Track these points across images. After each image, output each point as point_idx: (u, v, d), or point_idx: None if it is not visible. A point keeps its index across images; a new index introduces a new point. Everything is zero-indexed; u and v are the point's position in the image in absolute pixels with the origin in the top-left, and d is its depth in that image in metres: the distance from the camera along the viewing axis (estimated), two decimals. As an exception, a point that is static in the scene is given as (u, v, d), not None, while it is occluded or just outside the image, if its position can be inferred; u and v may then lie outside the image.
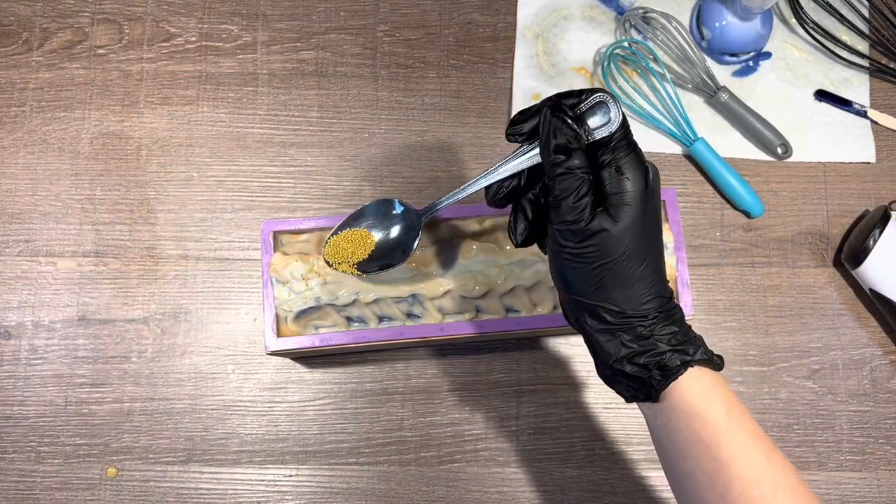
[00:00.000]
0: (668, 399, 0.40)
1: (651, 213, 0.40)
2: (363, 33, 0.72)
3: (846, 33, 0.71)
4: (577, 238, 0.39)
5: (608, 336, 0.40)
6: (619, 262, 0.39)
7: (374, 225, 0.52)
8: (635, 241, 0.39)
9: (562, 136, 0.39)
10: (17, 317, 0.66)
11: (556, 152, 0.39)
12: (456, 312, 0.58)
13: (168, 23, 0.72)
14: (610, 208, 0.39)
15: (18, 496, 0.63)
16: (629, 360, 0.40)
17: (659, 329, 0.40)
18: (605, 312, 0.40)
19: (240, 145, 0.69)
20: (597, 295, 0.40)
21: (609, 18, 0.72)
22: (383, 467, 0.64)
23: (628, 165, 0.39)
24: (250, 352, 0.66)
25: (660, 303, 0.40)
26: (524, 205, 0.43)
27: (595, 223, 0.38)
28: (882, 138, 0.70)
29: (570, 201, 0.38)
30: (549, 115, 0.39)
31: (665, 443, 0.42)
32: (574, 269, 0.40)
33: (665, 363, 0.39)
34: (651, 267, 0.40)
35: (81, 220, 0.68)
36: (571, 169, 0.38)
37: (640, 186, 0.39)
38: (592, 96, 0.39)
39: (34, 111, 0.70)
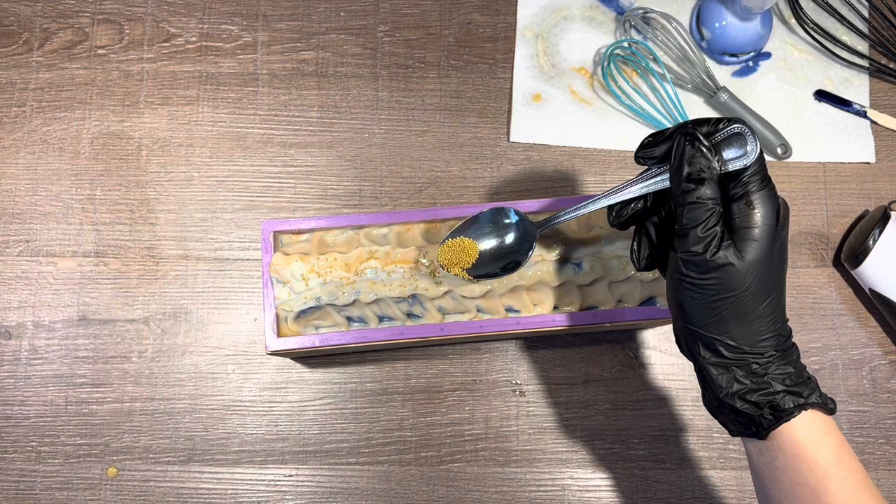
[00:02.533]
0: (776, 439, 0.40)
1: (779, 250, 0.39)
2: (363, 33, 0.72)
3: (846, 33, 0.71)
4: (700, 269, 0.38)
5: (721, 370, 0.40)
6: (741, 298, 0.38)
7: (487, 233, 0.51)
8: (760, 278, 0.38)
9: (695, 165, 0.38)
10: (18, 317, 0.66)
11: (687, 180, 0.38)
12: (456, 312, 0.58)
13: (168, 23, 0.72)
14: (737, 242, 0.38)
15: (19, 496, 0.63)
16: (741, 396, 0.39)
17: (774, 368, 0.39)
18: (721, 346, 0.39)
19: (240, 145, 0.69)
20: (714, 328, 0.39)
21: (609, 18, 0.72)
22: (383, 467, 0.64)
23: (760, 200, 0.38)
24: (250, 352, 0.66)
25: (778, 341, 0.39)
26: (648, 228, 0.43)
27: (721, 256, 0.38)
28: (882, 138, 0.70)
29: (697, 231, 0.38)
30: (684, 142, 0.38)
31: (767, 481, 0.41)
32: (694, 299, 0.39)
33: (777, 403, 0.39)
34: (773, 304, 0.39)
35: (82, 220, 0.68)
36: (702, 199, 0.38)
37: (771, 222, 0.38)
38: (730, 126, 0.38)
39: (35, 111, 0.70)
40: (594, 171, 0.69)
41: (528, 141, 0.69)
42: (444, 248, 0.51)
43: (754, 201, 0.38)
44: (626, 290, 0.58)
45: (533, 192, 0.68)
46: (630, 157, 0.69)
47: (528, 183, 0.68)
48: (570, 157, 0.69)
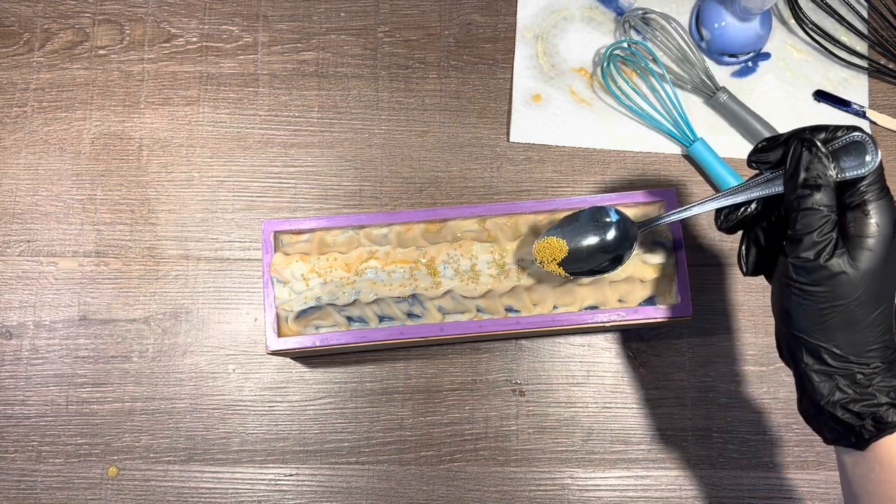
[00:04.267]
0: (875, 451, 0.39)
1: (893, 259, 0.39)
2: (363, 34, 0.72)
3: (845, 34, 0.71)
4: (812, 276, 0.38)
5: (824, 377, 0.40)
6: (851, 307, 0.38)
7: (587, 230, 0.52)
8: (872, 288, 0.38)
9: (812, 171, 0.38)
10: (19, 317, 0.66)
11: (803, 186, 0.38)
12: (456, 312, 0.58)
13: (169, 23, 0.72)
14: (851, 250, 0.38)
15: (20, 496, 0.63)
16: (842, 405, 0.39)
17: (879, 380, 0.39)
18: (825, 353, 0.39)
19: (240, 145, 0.70)
20: (820, 335, 0.39)
21: (608, 19, 0.72)
22: (383, 467, 0.64)
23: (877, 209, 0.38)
24: (251, 351, 0.66)
25: (885, 353, 0.39)
26: (758, 233, 0.42)
27: (834, 264, 0.38)
28: (881, 138, 0.70)
29: (811, 238, 0.38)
30: (801, 148, 0.38)
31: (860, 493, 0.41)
32: (801, 305, 0.39)
33: (881, 416, 0.39)
34: (883, 315, 0.39)
35: (82, 220, 0.68)
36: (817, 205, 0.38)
37: (888, 232, 0.38)
38: (850, 134, 0.38)
39: (35, 112, 0.70)
40: (594, 171, 0.69)
41: (528, 141, 0.69)
42: (540, 244, 0.52)
43: (871, 210, 0.38)
44: (626, 290, 0.58)
45: (533, 192, 0.68)
46: (630, 158, 0.69)
47: (528, 183, 0.69)
48: (569, 157, 0.69)
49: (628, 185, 0.68)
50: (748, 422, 0.65)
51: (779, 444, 0.64)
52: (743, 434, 0.64)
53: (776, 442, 0.64)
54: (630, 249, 0.51)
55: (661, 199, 0.58)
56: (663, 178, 0.69)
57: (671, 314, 0.57)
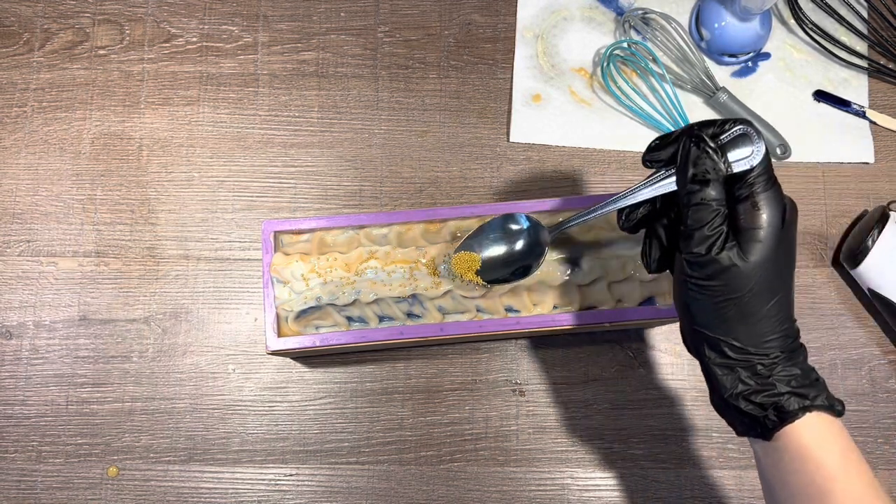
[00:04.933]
0: (782, 440, 0.39)
1: (785, 250, 0.39)
2: (363, 34, 0.72)
3: (845, 34, 0.72)
4: (705, 271, 0.38)
5: (726, 370, 0.40)
6: (745, 299, 0.38)
7: (498, 238, 0.52)
8: (765, 279, 0.38)
9: (700, 166, 0.38)
10: (19, 317, 0.66)
11: (692, 182, 0.38)
12: (456, 312, 0.58)
13: (169, 23, 0.72)
14: (742, 243, 0.38)
15: (20, 496, 0.63)
16: (745, 396, 0.39)
17: (780, 369, 0.39)
18: (725, 346, 0.39)
19: (240, 145, 0.70)
20: (719, 328, 0.39)
21: (608, 19, 0.72)
22: (383, 467, 0.64)
23: (765, 201, 0.38)
24: (251, 351, 0.66)
25: (784, 342, 0.39)
26: (658, 231, 0.43)
27: (725, 257, 0.38)
28: (881, 138, 0.70)
29: (702, 233, 0.38)
30: (689, 144, 0.39)
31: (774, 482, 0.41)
32: (698, 300, 0.39)
33: (782, 405, 0.39)
34: (779, 305, 0.39)
35: (82, 220, 0.68)
36: (707, 200, 0.38)
37: (776, 223, 0.38)
38: (735, 128, 0.39)
39: (35, 111, 0.70)
40: (594, 171, 0.69)
41: (528, 141, 0.69)
42: (456, 257, 0.53)
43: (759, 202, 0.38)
44: (626, 290, 0.58)
45: (533, 192, 0.68)
46: (629, 158, 0.69)
47: (528, 183, 0.69)
48: (569, 157, 0.69)
49: (628, 184, 0.68)
50: (748, 422, 0.65)
51: (779, 443, 0.64)
52: (743, 434, 0.64)
53: (776, 442, 0.64)
54: (542, 254, 0.51)
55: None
56: (663, 178, 0.69)
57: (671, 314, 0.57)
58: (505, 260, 0.52)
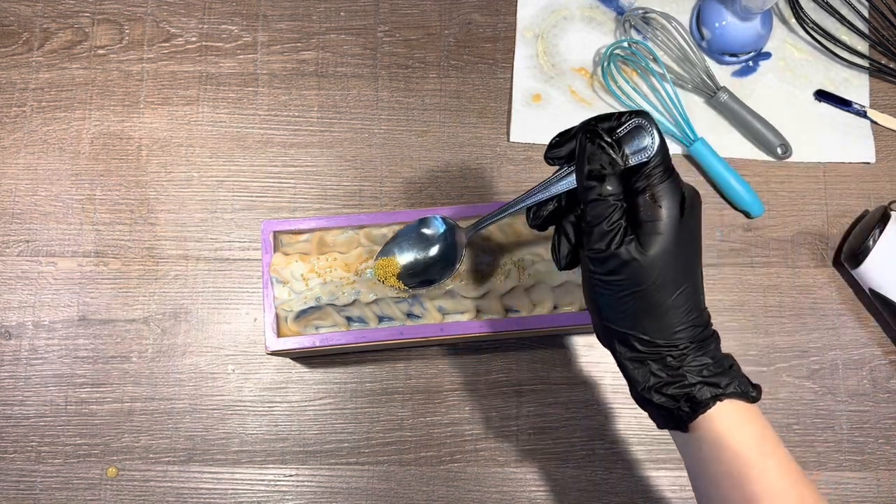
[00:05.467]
0: (699, 430, 0.39)
1: (686, 241, 0.39)
2: (363, 33, 0.72)
3: (846, 33, 0.71)
4: (606, 266, 0.38)
5: (637, 364, 0.40)
6: (648, 292, 0.38)
7: (416, 243, 0.52)
8: (667, 271, 0.38)
9: (595, 162, 0.38)
10: (18, 317, 0.66)
11: (589, 178, 0.38)
12: (456, 312, 0.58)
13: (168, 23, 0.72)
14: (641, 236, 0.38)
15: (19, 496, 0.63)
16: (657, 389, 0.39)
17: (690, 360, 0.39)
18: (634, 340, 0.39)
19: (240, 145, 0.69)
20: (626, 322, 0.39)
21: (609, 18, 0.72)
22: (383, 467, 0.64)
23: (662, 192, 0.38)
24: (250, 352, 0.66)
25: (693, 332, 0.39)
26: (566, 228, 0.42)
27: (624, 251, 0.37)
28: (882, 138, 0.70)
29: (601, 228, 0.38)
30: (584, 140, 0.38)
31: (696, 471, 0.41)
32: (604, 295, 0.39)
33: (694, 395, 0.39)
34: (685, 296, 0.39)
35: (82, 220, 0.68)
36: (604, 195, 0.38)
37: (674, 214, 0.38)
38: (631, 120, 0.38)
39: (34, 111, 0.70)
40: (594, 171, 0.69)
41: (528, 141, 0.69)
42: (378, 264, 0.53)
43: (656, 194, 0.38)
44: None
45: (533, 192, 0.68)
46: (630, 157, 0.69)
47: (529, 183, 0.68)
48: (570, 157, 0.69)
49: (629, 184, 0.68)
50: (749, 422, 0.64)
51: (779, 444, 0.64)
52: (743, 434, 0.64)
53: (777, 442, 0.64)
54: (461, 255, 0.51)
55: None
56: (664, 178, 0.69)
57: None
58: (425, 263, 0.52)
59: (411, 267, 0.52)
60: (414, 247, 0.52)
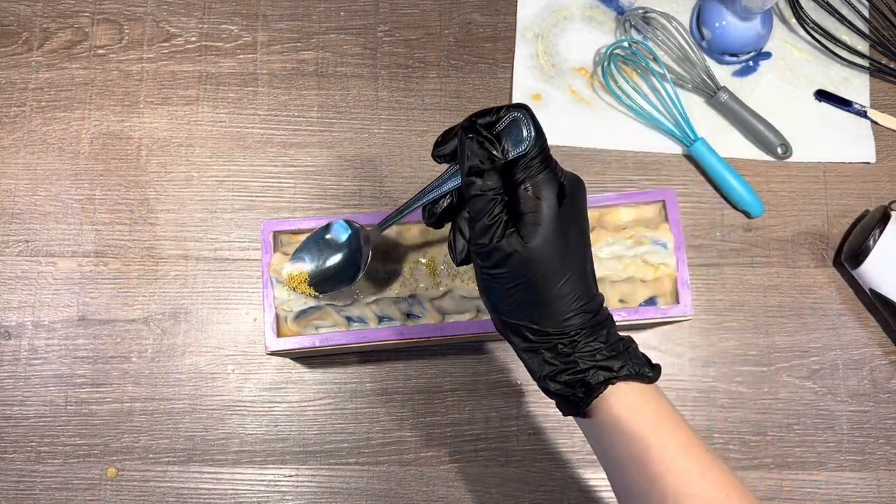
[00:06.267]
0: (598, 414, 0.40)
1: (567, 230, 0.39)
2: (363, 33, 0.72)
3: (846, 33, 0.71)
4: (490, 259, 0.38)
5: (531, 353, 0.40)
6: (533, 282, 0.38)
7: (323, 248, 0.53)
8: (549, 261, 0.38)
9: (474, 157, 0.38)
10: (18, 317, 0.66)
11: (469, 174, 0.38)
12: (456, 312, 0.58)
13: (168, 23, 0.72)
14: (521, 228, 0.38)
15: (19, 496, 0.63)
16: (551, 377, 0.39)
17: (582, 346, 0.39)
18: (526, 331, 0.40)
19: (240, 145, 0.69)
20: (517, 313, 0.39)
21: (609, 18, 0.72)
22: (383, 467, 0.64)
23: (540, 183, 0.38)
24: (250, 352, 0.66)
25: (583, 319, 0.39)
26: (460, 224, 0.43)
27: (506, 244, 0.38)
28: (882, 138, 0.70)
29: (483, 222, 0.38)
30: (464, 136, 0.39)
31: (601, 456, 0.41)
32: (493, 288, 0.40)
33: (587, 380, 0.39)
34: (570, 284, 0.39)
35: (81, 220, 0.68)
36: (484, 190, 0.38)
37: (553, 204, 0.38)
38: (508, 114, 0.39)
39: (34, 111, 0.70)
40: (594, 171, 0.69)
41: (528, 141, 0.69)
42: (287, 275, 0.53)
43: (534, 186, 0.38)
44: (627, 290, 0.58)
45: (533, 192, 0.68)
46: (630, 158, 0.69)
47: (528, 183, 0.68)
48: (569, 157, 0.69)
49: (628, 184, 0.68)
50: (748, 422, 0.64)
51: (779, 444, 0.64)
52: (743, 434, 0.64)
53: (776, 442, 0.64)
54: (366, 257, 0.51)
55: (661, 198, 0.58)
56: (664, 178, 0.69)
57: (671, 314, 0.57)
58: (334, 267, 0.53)
59: (321, 273, 0.53)
60: (322, 252, 0.53)
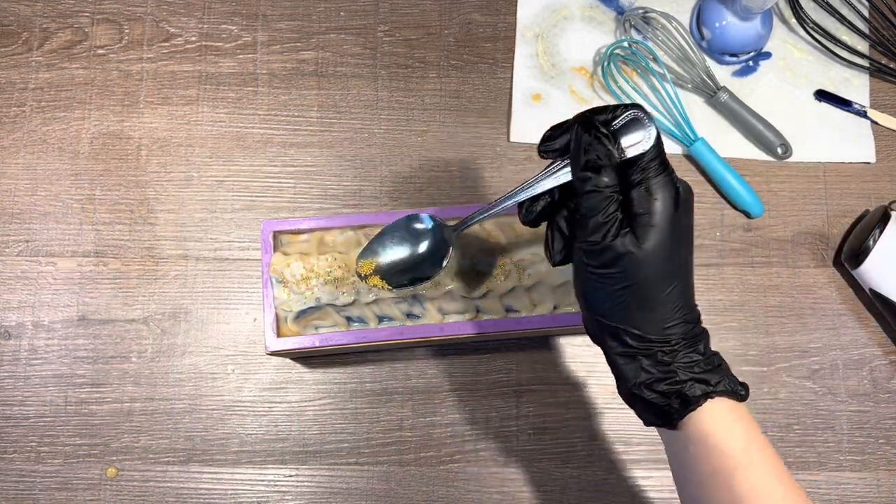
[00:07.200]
0: (687, 427, 0.39)
1: (680, 235, 0.38)
2: (363, 33, 0.72)
3: (846, 33, 0.71)
4: (600, 258, 0.38)
5: (628, 359, 0.39)
6: (642, 286, 0.38)
7: (400, 241, 0.51)
8: (661, 265, 0.37)
9: (592, 153, 0.37)
10: (17, 317, 0.66)
11: (584, 169, 0.38)
12: (456, 312, 0.58)
13: (168, 23, 0.72)
14: (636, 229, 0.37)
15: (18, 496, 0.63)
16: (647, 386, 0.39)
17: (681, 356, 0.39)
18: (625, 335, 0.39)
19: (240, 145, 0.69)
20: (618, 317, 0.39)
21: (609, 18, 0.72)
22: (383, 467, 0.64)
23: (658, 186, 0.37)
24: (250, 352, 0.66)
25: (685, 328, 0.39)
26: (560, 222, 0.42)
27: (619, 244, 0.37)
28: (882, 138, 0.70)
29: (596, 220, 0.37)
30: (581, 131, 0.38)
31: (681, 469, 0.41)
32: (596, 289, 0.39)
33: (685, 392, 0.38)
34: (677, 291, 0.38)
35: (81, 220, 0.68)
36: (599, 187, 0.37)
37: (669, 208, 0.38)
38: (627, 112, 0.38)
39: (34, 111, 0.70)
40: (594, 170, 0.69)
41: (528, 141, 0.69)
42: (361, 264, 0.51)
43: (652, 187, 0.37)
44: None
45: (533, 191, 0.68)
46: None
47: (528, 183, 0.68)
48: (570, 156, 0.69)
49: (629, 184, 0.68)
50: (749, 422, 0.64)
51: (779, 444, 0.64)
52: (744, 434, 0.64)
53: (777, 442, 0.64)
54: (447, 254, 0.50)
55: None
56: (664, 178, 0.69)
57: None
58: (411, 261, 0.51)
59: (396, 265, 0.51)
60: (399, 245, 0.51)
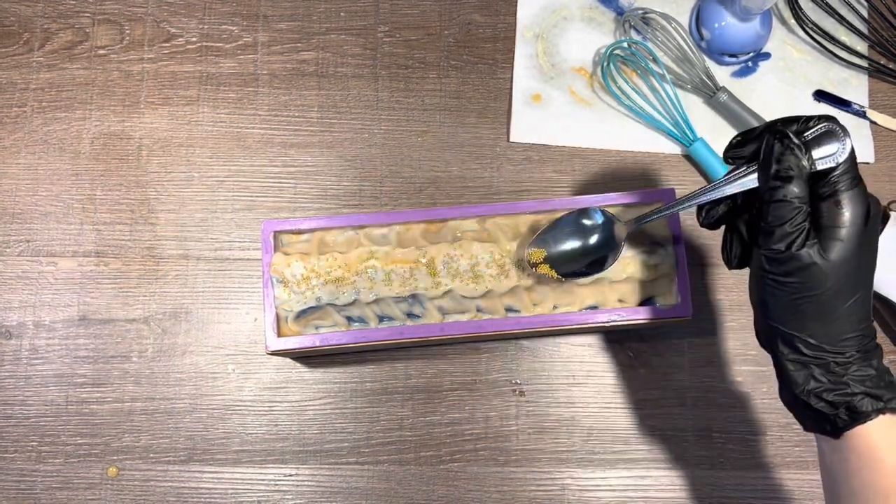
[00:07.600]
0: (851, 440, 0.39)
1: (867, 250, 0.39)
2: (363, 34, 0.72)
3: (845, 34, 0.71)
4: (784, 267, 0.38)
5: (799, 366, 0.40)
6: (823, 297, 0.38)
7: (571, 234, 0.54)
8: (844, 278, 0.38)
9: (784, 163, 0.38)
10: (18, 317, 0.66)
11: (775, 178, 0.38)
12: (456, 312, 0.58)
13: (169, 23, 0.72)
14: (823, 241, 0.38)
15: (19, 496, 0.63)
16: (816, 394, 0.39)
17: (855, 369, 0.39)
18: (800, 343, 0.39)
19: (240, 145, 0.69)
20: (794, 324, 0.39)
21: (608, 19, 0.72)
22: (383, 467, 0.64)
23: (849, 200, 0.38)
24: (251, 351, 0.66)
25: (861, 341, 0.39)
26: (739, 227, 0.42)
27: (805, 255, 0.38)
28: (881, 138, 0.70)
29: (783, 229, 0.38)
30: (773, 140, 0.38)
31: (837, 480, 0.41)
32: (775, 295, 0.39)
33: (855, 405, 0.39)
34: (857, 304, 0.39)
35: (82, 220, 0.68)
36: (789, 197, 0.38)
37: (859, 223, 0.38)
38: (821, 125, 0.38)
39: (35, 111, 0.70)
40: (594, 171, 0.69)
41: (528, 141, 0.69)
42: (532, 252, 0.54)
43: (842, 201, 0.38)
44: (626, 290, 0.58)
45: (533, 192, 0.68)
46: (630, 158, 0.69)
47: (529, 183, 0.68)
48: (569, 157, 0.69)
49: (628, 185, 0.68)
50: (748, 422, 0.64)
51: (779, 444, 0.64)
52: (743, 434, 0.64)
53: (776, 442, 0.64)
54: (617, 250, 0.52)
55: (661, 199, 0.58)
56: (663, 178, 0.69)
57: (671, 314, 0.57)
58: (579, 254, 0.54)
59: (565, 255, 0.53)
60: (570, 237, 0.54)
